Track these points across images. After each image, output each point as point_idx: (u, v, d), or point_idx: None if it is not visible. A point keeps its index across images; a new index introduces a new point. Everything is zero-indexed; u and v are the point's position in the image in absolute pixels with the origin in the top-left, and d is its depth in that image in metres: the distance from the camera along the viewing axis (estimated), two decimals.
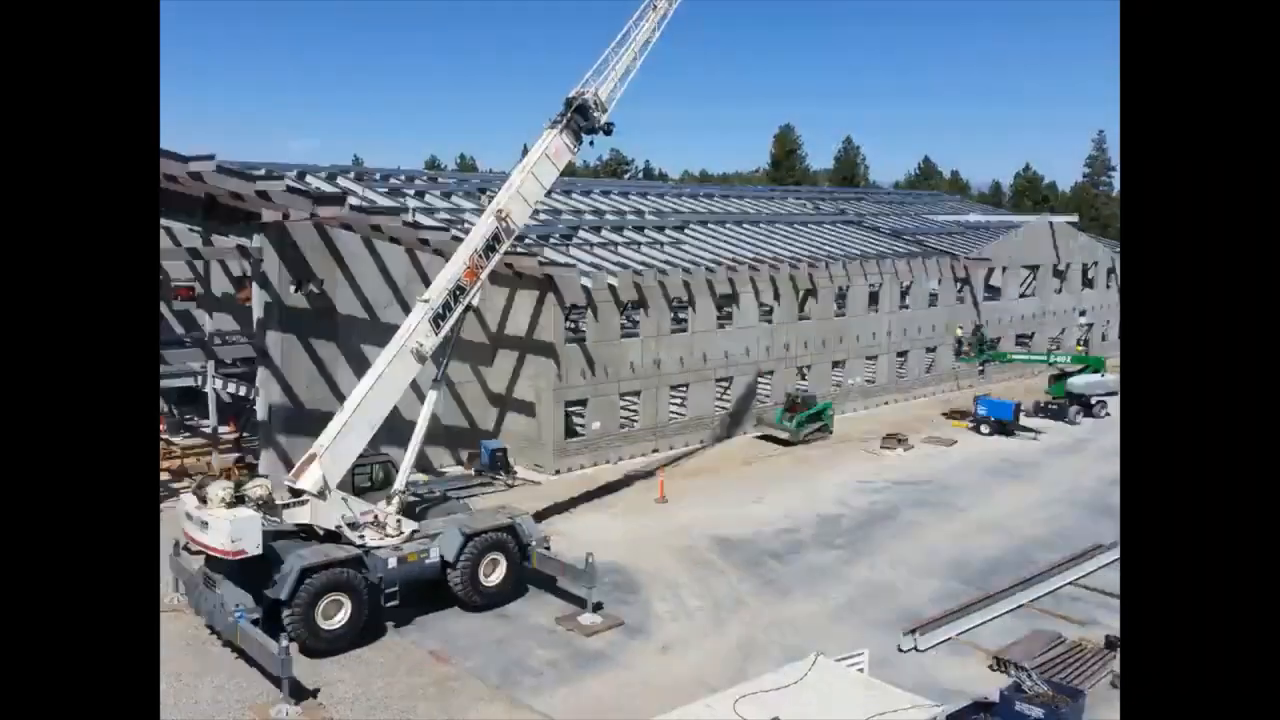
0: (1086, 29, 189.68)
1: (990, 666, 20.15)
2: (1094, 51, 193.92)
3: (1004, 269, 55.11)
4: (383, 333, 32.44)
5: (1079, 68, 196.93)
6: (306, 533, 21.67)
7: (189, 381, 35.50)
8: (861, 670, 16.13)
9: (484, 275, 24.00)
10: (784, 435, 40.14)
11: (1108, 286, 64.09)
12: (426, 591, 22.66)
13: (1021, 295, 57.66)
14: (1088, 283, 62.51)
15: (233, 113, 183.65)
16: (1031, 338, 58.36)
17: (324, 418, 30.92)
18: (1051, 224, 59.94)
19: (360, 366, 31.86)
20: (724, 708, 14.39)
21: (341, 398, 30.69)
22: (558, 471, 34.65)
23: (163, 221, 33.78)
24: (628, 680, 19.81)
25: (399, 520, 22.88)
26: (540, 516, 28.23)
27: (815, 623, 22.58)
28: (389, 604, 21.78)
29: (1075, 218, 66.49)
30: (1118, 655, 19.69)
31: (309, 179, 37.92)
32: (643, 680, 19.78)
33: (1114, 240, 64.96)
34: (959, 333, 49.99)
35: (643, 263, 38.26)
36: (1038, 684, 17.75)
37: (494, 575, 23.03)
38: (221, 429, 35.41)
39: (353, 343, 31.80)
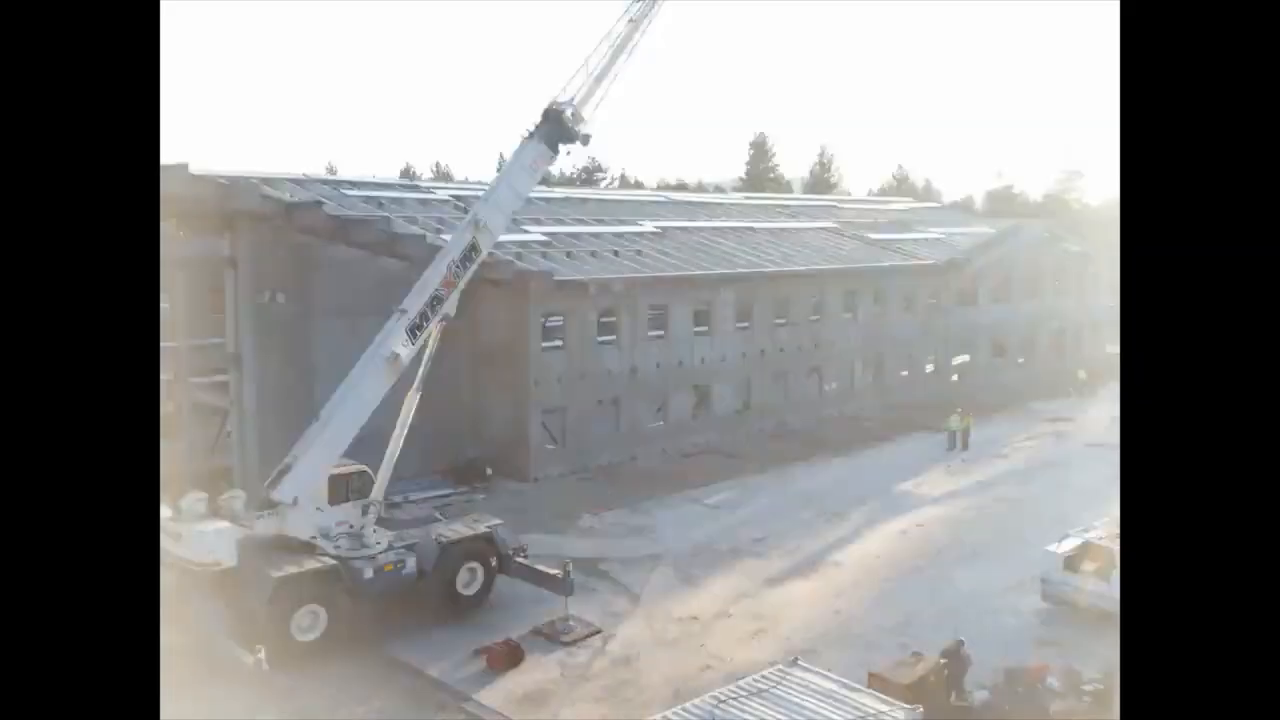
0: (1069, 33, 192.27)
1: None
2: (1070, 58, 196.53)
3: (977, 276, 55.51)
4: (358, 340, 32.34)
5: (1054, 74, 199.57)
6: (281, 543, 21.50)
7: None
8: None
9: (461, 284, 23.96)
10: None
11: (1081, 292, 64.73)
12: (403, 601, 22.53)
13: (994, 301, 58.02)
14: (1060, 289, 63.12)
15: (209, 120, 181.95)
16: (1005, 342, 58.88)
17: (299, 426, 30.61)
18: (1028, 231, 60.53)
19: (336, 375, 31.66)
20: (700, 714, 14.43)
21: (317, 406, 30.46)
22: (535, 479, 34.55)
23: None
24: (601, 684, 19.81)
25: (375, 530, 22.75)
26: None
27: None
28: (365, 615, 21.64)
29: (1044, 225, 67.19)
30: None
31: (282, 186, 37.64)
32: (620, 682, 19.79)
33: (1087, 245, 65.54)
34: None
35: (619, 269, 38.31)
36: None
37: (471, 584, 22.95)
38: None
39: (328, 350, 31.56)
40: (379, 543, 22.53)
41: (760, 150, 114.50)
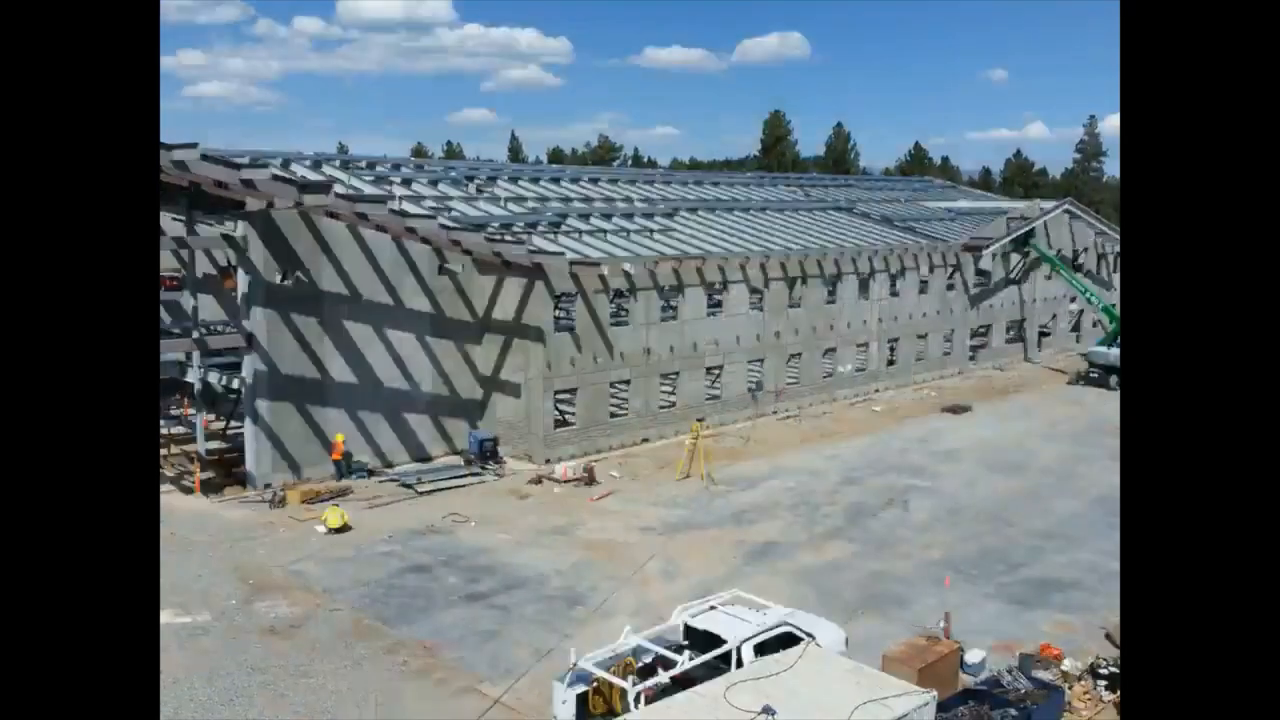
0: (1081, 13, 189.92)
1: None
2: (1086, 37, 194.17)
3: (994, 255, 54.84)
4: (369, 319, 32.32)
5: (1071, 53, 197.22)
6: None
7: (172, 371, 35.17)
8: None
9: None
10: None
11: (1098, 271, 64.03)
12: None
13: (1011, 281, 57.40)
14: (1077, 267, 62.41)
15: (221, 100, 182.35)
16: (1022, 324, 58.34)
17: (311, 406, 30.69)
18: (1044, 210, 59.69)
19: (348, 354, 31.62)
20: (714, 696, 14.31)
21: (328, 387, 30.41)
22: (546, 460, 34.47)
23: None
24: None
25: None
26: None
27: None
28: None
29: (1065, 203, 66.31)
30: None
31: (294, 167, 37.58)
32: None
33: (1107, 224, 64.84)
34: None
35: (633, 250, 38.03)
36: (1017, 679, 17.76)
37: None
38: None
39: (340, 330, 31.52)
40: None
41: (775, 128, 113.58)
